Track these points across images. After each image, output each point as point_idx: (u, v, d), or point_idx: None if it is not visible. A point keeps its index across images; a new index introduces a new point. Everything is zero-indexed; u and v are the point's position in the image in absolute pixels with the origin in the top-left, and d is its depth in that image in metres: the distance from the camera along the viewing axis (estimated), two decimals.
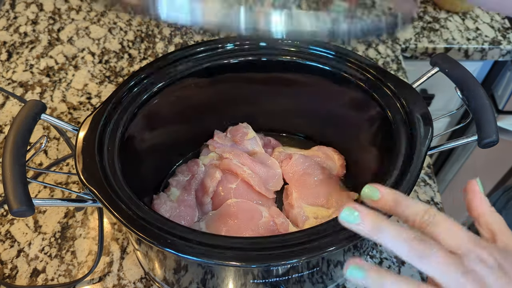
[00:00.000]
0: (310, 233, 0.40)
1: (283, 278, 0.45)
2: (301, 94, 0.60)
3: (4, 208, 0.62)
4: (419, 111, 0.49)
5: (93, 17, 0.88)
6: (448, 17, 0.92)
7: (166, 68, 0.53)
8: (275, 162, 0.61)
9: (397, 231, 0.33)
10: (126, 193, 0.42)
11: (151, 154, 0.56)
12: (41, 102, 0.45)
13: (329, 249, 0.39)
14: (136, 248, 0.52)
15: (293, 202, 0.57)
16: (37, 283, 0.55)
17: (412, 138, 0.47)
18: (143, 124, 0.52)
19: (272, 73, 0.57)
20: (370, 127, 0.55)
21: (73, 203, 0.44)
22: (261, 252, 0.38)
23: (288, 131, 0.67)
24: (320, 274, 0.48)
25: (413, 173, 0.44)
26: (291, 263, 0.40)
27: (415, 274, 0.58)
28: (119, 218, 0.40)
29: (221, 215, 0.55)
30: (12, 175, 0.39)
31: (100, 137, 0.46)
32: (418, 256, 0.33)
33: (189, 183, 0.58)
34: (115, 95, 0.50)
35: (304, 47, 0.56)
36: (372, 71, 0.53)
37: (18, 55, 0.81)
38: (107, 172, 0.44)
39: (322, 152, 0.63)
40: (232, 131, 0.63)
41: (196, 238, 0.39)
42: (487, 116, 0.45)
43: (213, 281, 0.46)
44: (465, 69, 0.49)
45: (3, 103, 0.74)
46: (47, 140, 0.64)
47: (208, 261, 0.38)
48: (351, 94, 0.55)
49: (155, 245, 0.39)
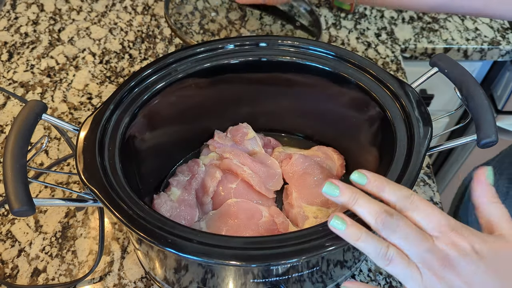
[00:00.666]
0: (310, 233, 0.40)
1: (283, 277, 0.45)
2: (301, 94, 0.60)
3: (5, 208, 0.62)
4: (419, 111, 0.49)
5: (93, 17, 0.88)
6: (447, 17, 0.92)
7: (167, 68, 0.53)
8: (275, 162, 0.61)
9: (370, 203, 0.37)
10: (126, 193, 0.42)
11: (152, 154, 0.56)
12: (42, 102, 0.45)
13: (328, 249, 0.39)
14: (137, 247, 0.52)
15: (293, 202, 0.57)
16: (38, 282, 0.55)
17: (412, 138, 0.47)
18: (144, 124, 0.52)
19: (272, 73, 0.57)
20: (370, 127, 0.55)
21: (74, 202, 0.44)
22: (261, 252, 0.39)
23: (288, 131, 0.67)
24: (320, 274, 0.48)
25: (412, 173, 0.44)
26: (291, 262, 0.40)
27: None
28: (120, 218, 0.40)
29: (222, 214, 0.55)
30: (13, 175, 0.39)
31: (101, 137, 0.47)
32: (384, 225, 0.35)
33: (189, 183, 0.58)
34: (116, 95, 0.50)
35: (304, 47, 0.56)
36: (371, 71, 0.53)
37: (19, 56, 0.81)
38: (107, 172, 0.44)
39: (322, 152, 0.63)
40: (232, 131, 0.63)
41: (196, 237, 0.39)
42: (486, 116, 0.45)
43: (213, 281, 0.46)
44: (464, 70, 0.49)
45: (4, 103, 0.74)
46: (48, 140, 0.65)
47: (208, 260, 0.38)
48: (350, 94, 0.55)
49: (155, 244, 0.39)
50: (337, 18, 0.91)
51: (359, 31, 0.88)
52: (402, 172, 0.44)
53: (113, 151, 0.46)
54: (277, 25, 0.87)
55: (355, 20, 0.90)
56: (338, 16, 0.91)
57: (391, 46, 0.86)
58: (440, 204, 0.65)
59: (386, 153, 0.49)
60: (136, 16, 0.88)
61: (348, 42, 0.86)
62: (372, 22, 0.90)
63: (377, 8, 0.93)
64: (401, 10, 0.93)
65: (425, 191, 0.66)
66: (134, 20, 0.88)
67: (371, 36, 0.88)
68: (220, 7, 0.90)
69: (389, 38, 0.87)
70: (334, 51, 0.55)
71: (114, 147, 0.47)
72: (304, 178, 0.59)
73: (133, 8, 0.90)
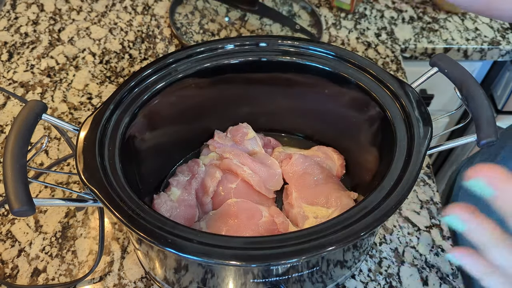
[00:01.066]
0: (309, 233, 0.40)
1: (283, 277, 0.45)
2: (301, 94, 0.60)
3: (5, 208, 0.62)
4: (419, 111, 0.49)
5: (93, 17, 0.88)
6: (447, 17, 0.92)
7: (167, 68, 0.53)
8: (275, 162, 0.61)
9: None
10: (126, 193, 0.42)
11: (152, 154, 0.56)
12: (42, 102, 0.45)
13: (328, 249, 0.39)
14: (137, 247, 0.52)
15: (293, 202, 0.57)
16: (38, 282, 0.55)
17: (412, 138, 0.47)
18: (144, 124, 0.52)
19: (272, 73, 0.57)
20: (370, 127, 0.55)
21: (74, 202, 0.44)
22: (261, 252, 0.39)
23: (288, 131, 0.67)
24: (320, 274, 0.48)
25: (412, 173, 0.44)
26: (291, 262, 0.40)
27: (414, 274, 0.58)
28: (120, 218, 0.40)
29: (222, 214, 0.55)
30: (13, 175, 0.39)
31: (101, 137, 0.47)
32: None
33: (189, 183, 0.58)
34: (116, 95, 0.50)
35: (304, 47, 0.56)
36: (371, 71, 0.53)
37: (19, 56, 0.81)
38: (107, 172, 0.44)
39: (322, 152, 0.63)
40: (232, 131, 0.63)
41: (196, 237, 0.39)
42: (486, 116, 0.45)
43: (213, 281, 0.46)
44: (464, 69, 0.49)
45: (4, 103, 0.74)
46: (48, 140, 0.65)
47: (208, 260, 0.38)
48: (350, 94, 0.55)
49: (155, 244, 0.39)
50: (337, 18, 0.91)
51: (359, 31, 0.88)
52: (402, 172, 0.45)
53: (113, 151, 0.46)
54: (277, 25, 0.87)
55: (355, 20, 0.90)
56: (338, 16, 0.91)
57: (391, 46, 0.86)
58: (440, 204, 0.65)
59: (386, 153, 0.49)
60: (136, 16, 0.88)
61: (348, 42, 0.86)
62: (372, 22, 0.90)
63: (377, 8, 0.93)
64: (401, 10, 0.93)
65: (425, 191, 0.66)
66: (134, 20, 0.88)
67: (371, 36, 0.88)
68: (220, 7, 0.90)
69: (389, 38, 0.87)
70: (334, 51, 0.55)
71: (114, 147, 0.47)
72: (304, 178, 0.59)
73: (133, 8, 0.90)
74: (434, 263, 0.59)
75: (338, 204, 0.55)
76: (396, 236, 0.61)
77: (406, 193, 0.43)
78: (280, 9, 0.90)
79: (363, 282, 0.57)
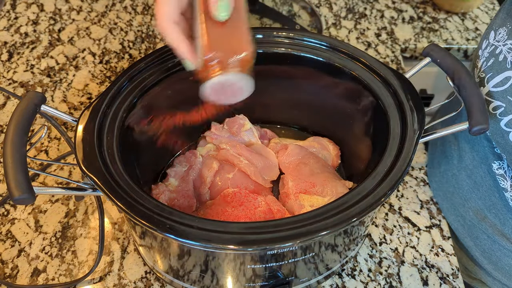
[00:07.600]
0: (305, 218, 0.41)
1: (280, 263, 0.46)
2: (296, 85, 0.61)
3: (5, 208, 0.62)
4: (411, 100, 0.50)
5: (93, 17, 0.88)
6: (447, 17, 0.92)
7: (165, 59, 0.54)
8: (271, 153, 0.62)
9: None
10: (125, 181, 0.43)
11: (149, 145, 0.57)
12: (41, 93, 0.46)
13: (323, 233, 0.40)
14: (139, 243, 0.52)
15: (289, 191, 0.57)
16: (38, 282, 0.55)
17: (405, 126, 0.48)
18: (142, 115, 0.53)
19: (267, 65, 0.58)
20: (364, 117, 0.56)
21: (73, 191, 0.45)
22: (257, 236, 0.39)
23: (284, 122, 0.68)
24: (317, 259, 0.49)
25: (405, 160, 0.45)
26: (287, 246, 0.41)
27: (414, 274, 0.58)
28: (119, 205, 0.41)
29: (219, 204, 0.56)
30: (13, 164, 0.39)
31: (100, 127, 0.47)
32: None
33: (187, 173, 0.59)
34: (114, 85, 0.51)
35: (298, 38, 0.56)
36: (364, 61, 0.54)
37: (19, 55, 0.81)
38: (106, 161, 0.45)
39: (317, 142, 0.64)
40: (229, 123, 0.63)
41: (194, 223, 0.40)
42: (478, 104, 0.46)
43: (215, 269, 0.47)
44: (456, 59, 0.50)
45: (4, 103, 0.74)
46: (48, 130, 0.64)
47: (206, 245, 0.39)
48: (345, 85, 0.56)
49: (155, 230, 0.40)
50: (337, 18, 0.91)
51: (359, 31, 0.88)
52: (396, 159, 0.45)
53: (112, 141, 0.47)
54: (277, 25, 0.87)
55: (355, 20, 0.90)
56: (338, 16, 0.91)
57: (391, 46, 0.86)
58: (439, 204, 0.65)
59: (380, 141, 0.50)
60: (136, 16, 0.88)
61: (348, 42, 0.86)
62: (372, 22, 0.90)
63: (377, 8, 0.93)
64: (401, 10, 0.93)
65: (425, 191, 0.66)
66: (134, 20, 0.88)
67: (371, 36, 0.88)
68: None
69: (389, 38, 0.87)
70: (327, 41, 0.56)
71: (113, 137, 0.47)
72: (300, 168, 0.59)
73: (133, 8, 0.90)
74: (434, 263, 0.59)
75: (333, 193, 0.56)
76: (396, 236, 0.61)
77: (399, 179, 0.44)
78: (280, 9, 0.90)
79: (363, 282, 0.57)
